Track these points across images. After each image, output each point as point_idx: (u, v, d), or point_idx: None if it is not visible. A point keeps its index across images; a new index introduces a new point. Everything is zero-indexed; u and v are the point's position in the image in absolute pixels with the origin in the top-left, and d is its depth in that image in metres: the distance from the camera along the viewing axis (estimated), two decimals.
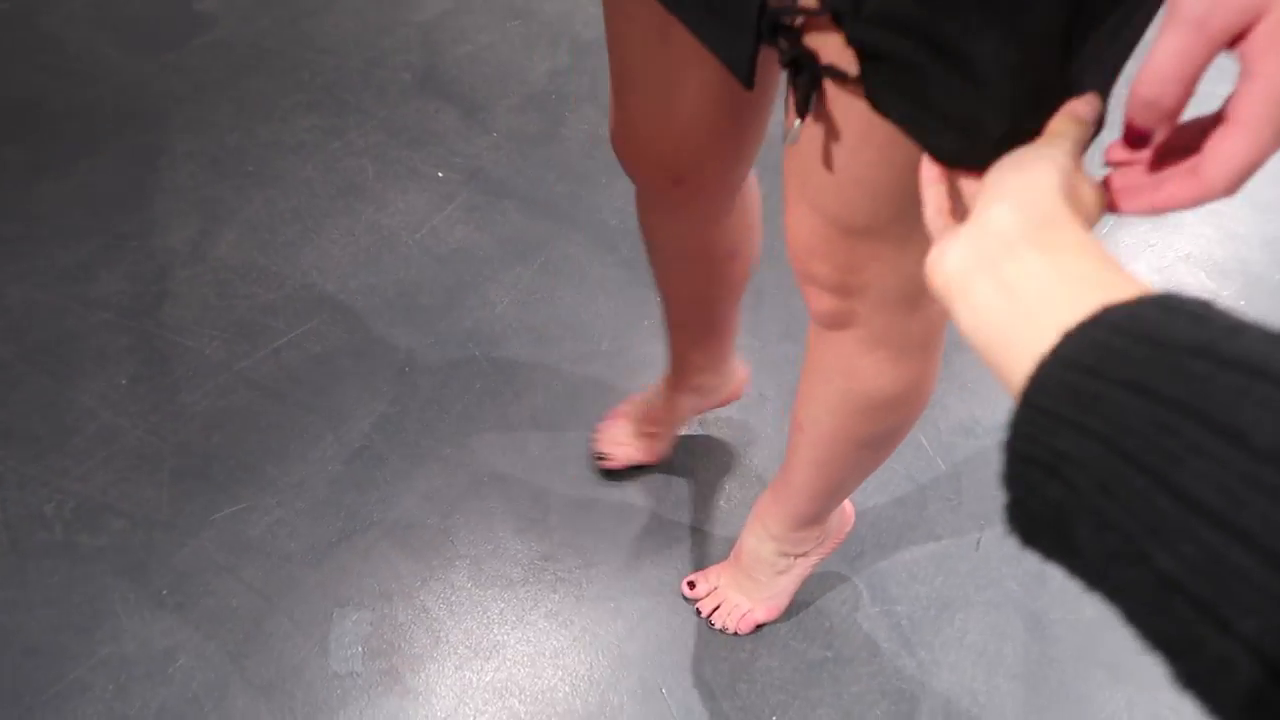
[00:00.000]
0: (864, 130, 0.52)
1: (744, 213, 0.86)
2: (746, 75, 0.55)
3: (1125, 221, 1.51)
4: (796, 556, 0.99)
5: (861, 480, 0.88)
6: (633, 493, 1.15)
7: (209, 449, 1.16)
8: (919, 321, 0.66)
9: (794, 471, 0.85)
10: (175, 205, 1.43)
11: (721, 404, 1.14)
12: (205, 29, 1.73)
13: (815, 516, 0.93)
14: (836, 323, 0.67)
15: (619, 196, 1.48)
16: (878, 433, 0.76)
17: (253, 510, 1.11)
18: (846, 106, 0.52)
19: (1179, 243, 1.49)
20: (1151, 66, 0.36)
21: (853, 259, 0.61)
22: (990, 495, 1.17)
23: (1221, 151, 0.36)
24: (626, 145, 0.78)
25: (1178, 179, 0.39)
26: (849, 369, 0.70)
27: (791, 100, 0.54)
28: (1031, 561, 1.12)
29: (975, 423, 1.24)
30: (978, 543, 1.13)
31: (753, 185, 0.85)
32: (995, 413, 1.25)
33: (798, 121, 0.54)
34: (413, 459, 1.16)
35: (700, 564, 1.10)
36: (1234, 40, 0.35)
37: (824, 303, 0.66)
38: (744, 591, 1.03)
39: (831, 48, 0.50)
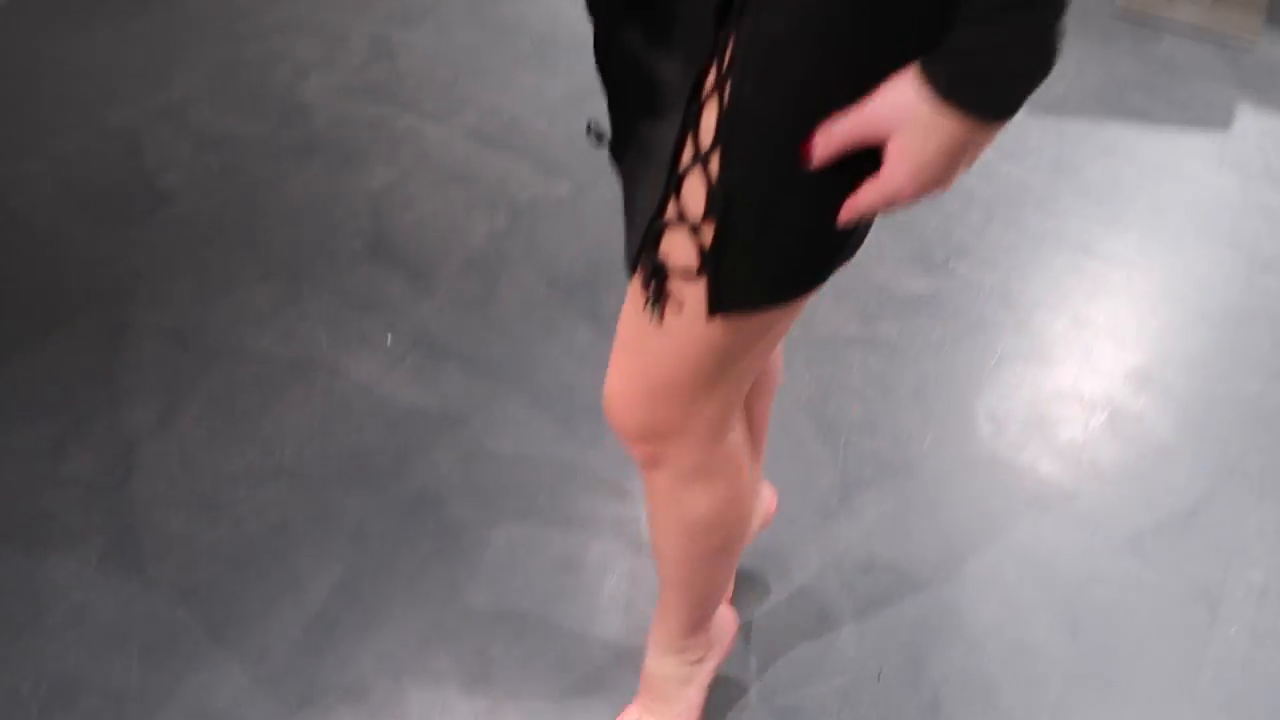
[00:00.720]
0: (696, 315, 0.70)
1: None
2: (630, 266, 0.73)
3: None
4: (693, 664, 1.11)
5: (724, 583, 1.03)
6: (571, 644, 1.27)
7: (175, 621, 1.25)
8: (722, 450, 0.82)
9: (664, 590, 1.01)
10: (140, 380, 1.54)
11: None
12: (168, 204, 1.86)
13: (697, 623, 1.06)
14: (653, 463, 0.83)
15: (553, 354, 1.62)
16: (713, 547, 0.92)
17: (218, 681, 1.20)
18: (688, 299, 0.69)
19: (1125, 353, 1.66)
20: (833, 133, 0.60)
21: (665, 411, 0.77)
22: (890, 629, 1.30)
23: (866, 190, 0.62)
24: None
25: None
26: (673, 500, 0.86)
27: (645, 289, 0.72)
28: (928, 690, 1.24)
29: (873, 560, 1.38)
30: (879, 675, 1.26)
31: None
32: (893, 552, 1.39)
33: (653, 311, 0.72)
34: (366, 621, 1.27)
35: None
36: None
37: (639, 448, 0.82)
38: (659, 714, 1.14)
39: (680, 251, 0.67)
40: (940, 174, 0.61)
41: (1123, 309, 1.77)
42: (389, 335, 1.64)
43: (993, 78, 0.56)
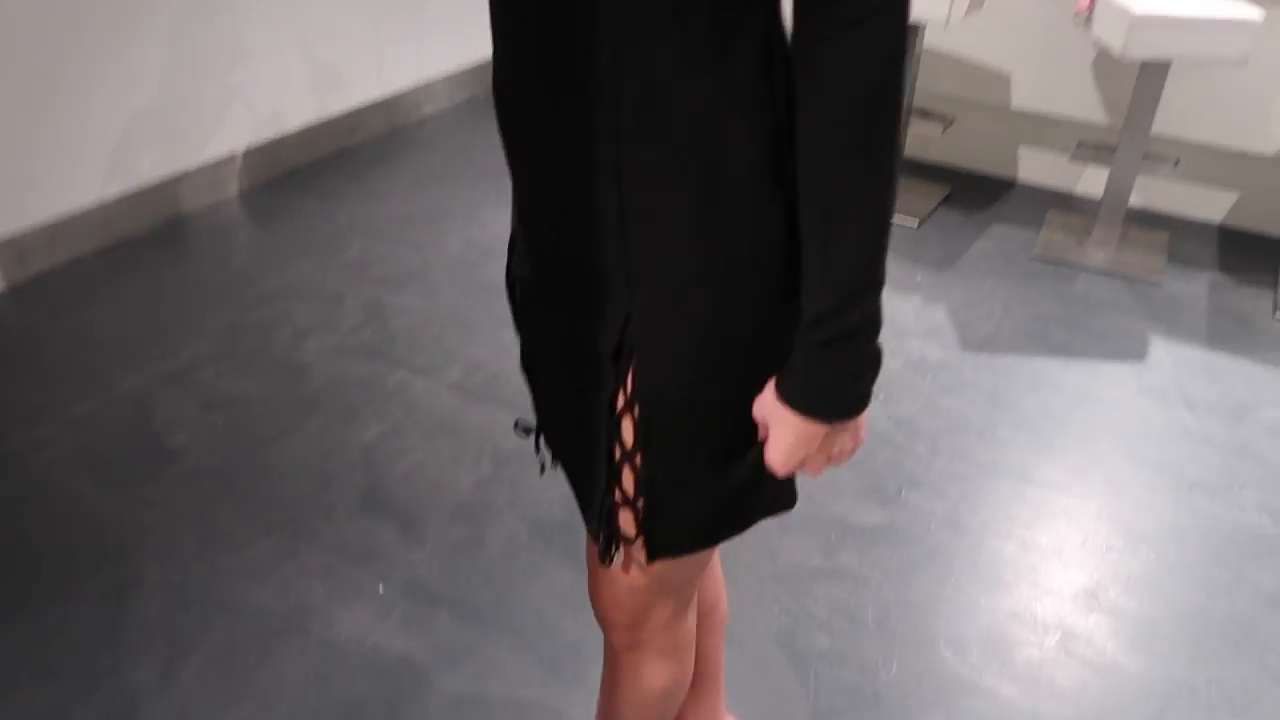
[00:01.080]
0: (640, 561, 0.91)
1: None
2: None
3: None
4: None
5: None
6: None
7: None
8: (681, 635, 1.01)
9: None
10: (145, 637, 1.62)
11: None
12: (175, 462, 2.00)
13: None
14: (627, 646, 1.01)
15: (537, 597, 1.72)
16: (665, 714, 1.08)
17: None
18: (634, 550, 0.90)
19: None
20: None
21: (638, 610, 0.96)
22: None
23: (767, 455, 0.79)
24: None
25: None
26: (638, 675, 1.02)
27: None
28: None
29: None
30: None
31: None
32: None
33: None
34: None
35: None
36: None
37: (621, 637, 1.00)
38: None
39: (624, 519, 0.87)
40: (807, 455, 0.78)
41: (1065, 532, 1.91)
42: (381, 585, 1.74)
43: (821, 392, 0.74)
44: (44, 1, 2.47)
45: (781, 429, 0.76)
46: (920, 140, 3.43)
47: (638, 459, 0.83)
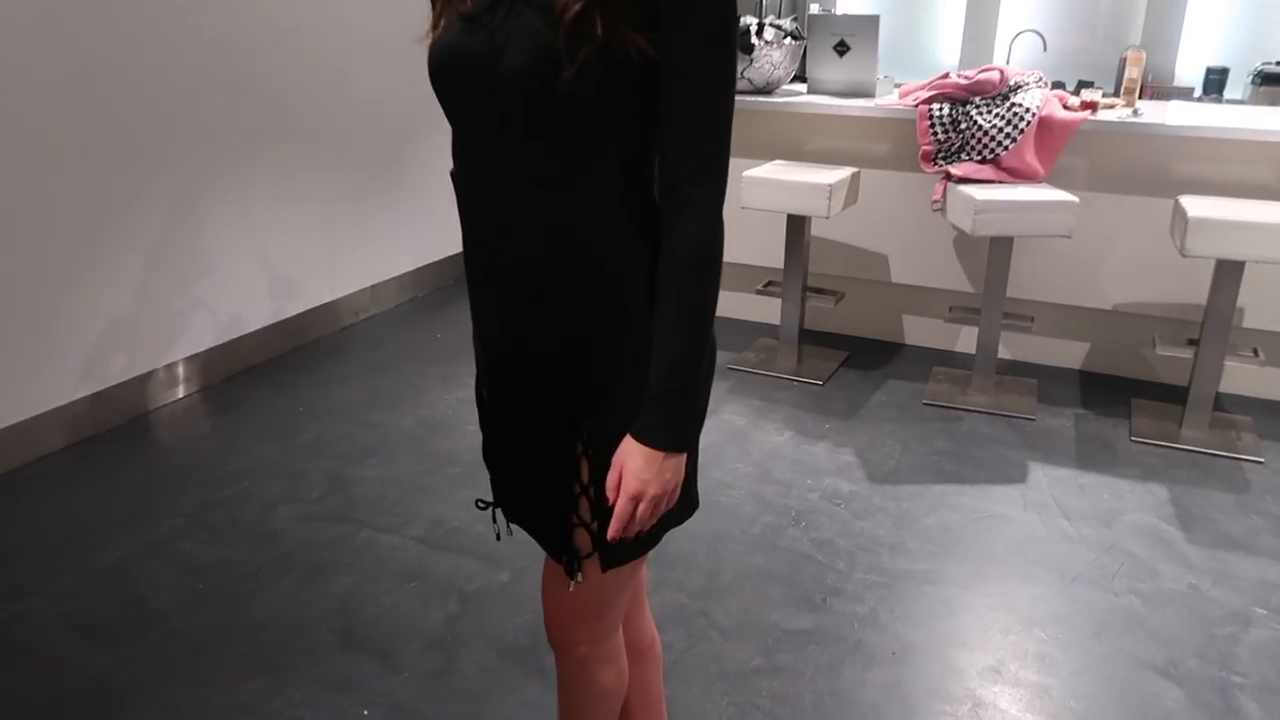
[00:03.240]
0: (595, 572, 1.18)
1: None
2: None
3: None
4: None
5: None
6: None
7: None
8: (617, 642, 1.30)
9: None
10: None
11: None
12: (159, 622, 2.14)
13: None
14: (581, 659, 1.26)
15: (509, 711, 1.89)
16: (611, 710, 1.33)
17: None
18: (589, 566, 1.18)
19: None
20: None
21: (587, 621, 1.23)
22: None
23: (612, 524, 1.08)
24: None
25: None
26: (586, 679, 1.28)
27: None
28: None
29: None
30: None
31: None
32: None
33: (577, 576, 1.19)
34: None
35: None
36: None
37: (573, 651, 1.26)
38: None
39: (582, 541, 1.17)
40: (647, 483, 1.05)
41: (968, 622, 2.17)
42: (365, 711, 1.89)
43: (657, 429, 1.06)
44: (34, 215, 2.79)
45: (632, 457, 1.06)
46: (817, 313, 3.90)
47: (591, 490, 1.15)
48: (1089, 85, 4.55)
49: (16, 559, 2.38)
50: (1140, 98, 3.56)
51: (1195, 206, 2.86)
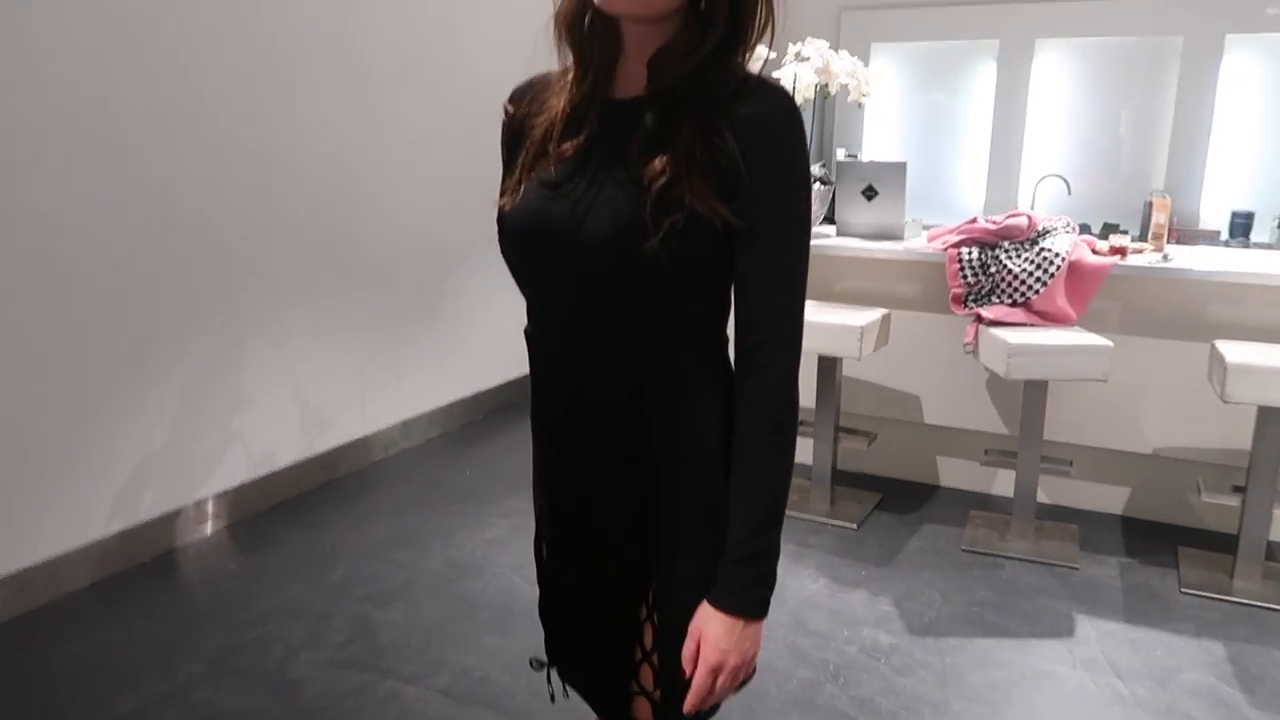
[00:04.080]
0: None
1: None
2: None
3: None
4: None
5: None
6: None
7: None
8: None
9: None
10: None
11: None
12: None
13: None
14: None
15: None
16: None
17: None
18: None
19: None
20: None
21: None
22: None
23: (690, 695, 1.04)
24: None
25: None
26: None
27: None
28: None
29: None
30: None
31: None
32: None
33: None
34: None
35: None
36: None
37: None
38: None
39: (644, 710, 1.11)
40: (727, 651, 1.03)
41: None
42: None
43: (736, 595, 1.03)
44: (73, 349, 2.85)
45: (711, 625, 1.03)
46: (850, 454, 3.85)
47: (655, 657, 1.09)
48: (1115, 228, 4.61)
49: (39, 702, 2.33)
50: (1167, 241, 3.59)
51: (1233, 352, 2.84)
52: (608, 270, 1.03)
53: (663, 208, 0.99)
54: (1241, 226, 4.61)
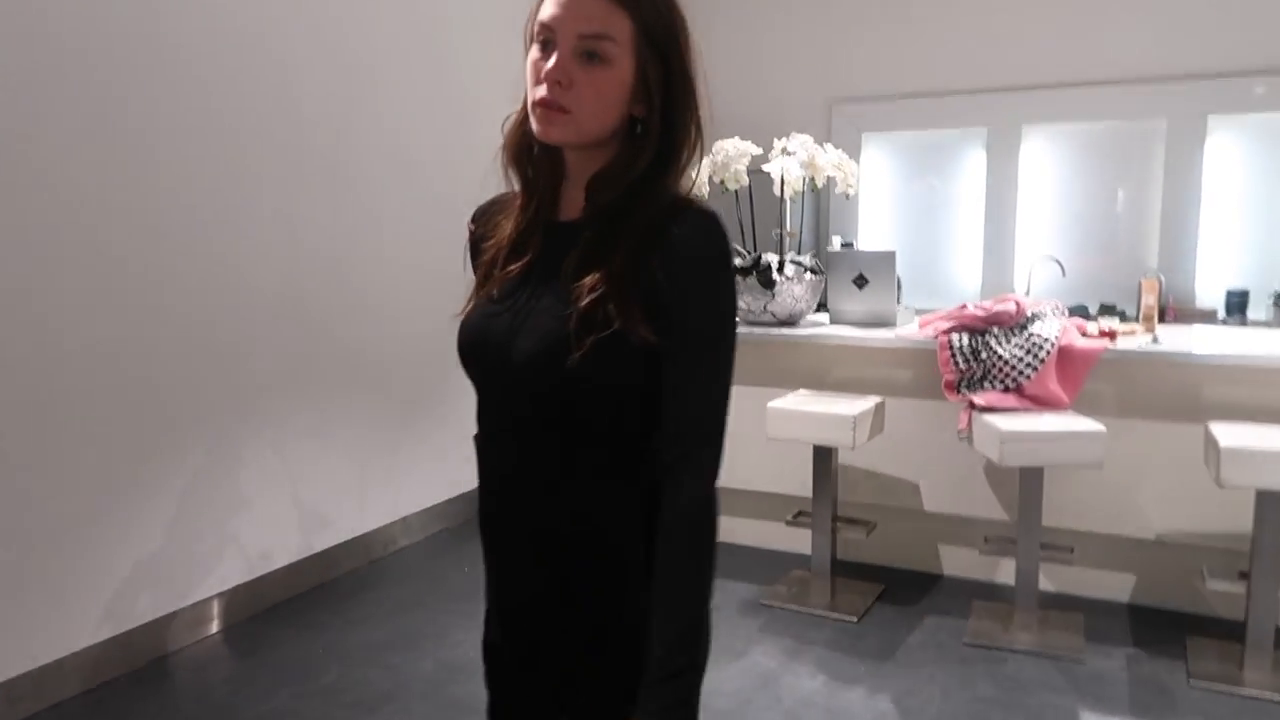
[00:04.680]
0: None
1: None
2: None
3: None
4: None
5: None
6: None
7: None
8: None
9: None
10: None
11: None
12: None
13: None
14: None
15: None
16: None
17: None
18: None
19: None
20: None
21: None
22: None
23: None
24: None
25: None
26: None
27: None
28: None
29: None
30: None
31: None
32: None
33: None
34: None
35: None
36: None
37: None
38: None
39: None
40: None
41: None
42: None
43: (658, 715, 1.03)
44: (66, 454, 2.88)
45: None
46: (850, 544, 3.80)
47: None
48: (1112, 309, 4.62)
49: None
50: (1163, 320, 3.61)
51: (1227, 435, 2.82)
52: (532, 383, 1.07)
53: (587, 325, 1.02)
54: (1237, 304, 4.60)
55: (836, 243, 4.87)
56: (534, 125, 1.08)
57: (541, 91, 1.05)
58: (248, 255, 3.39)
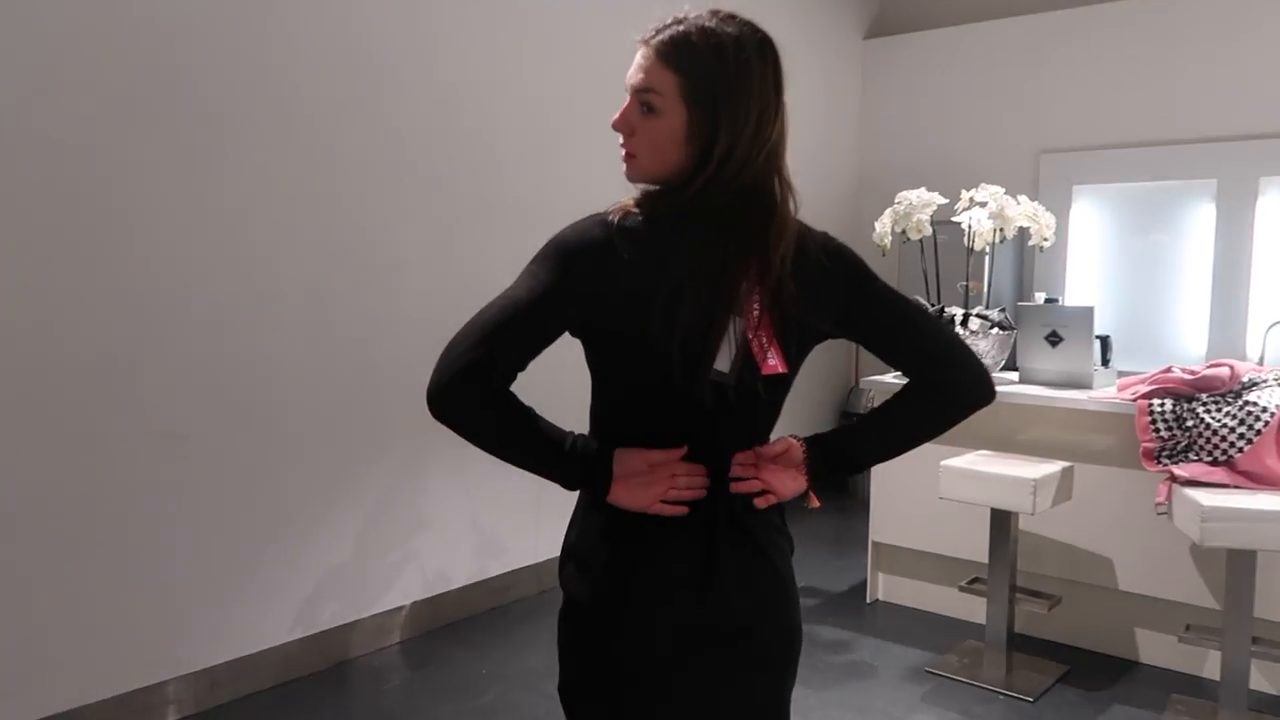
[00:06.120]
0: None
1: None
2: None
3: None
4: None
5: None
6: None
7: None
8: None
9: None
10: None
11: None
12: None
13: None
14: None
15: None
16: None
17: None
18: None
19: None
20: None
21: None
22: None
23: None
24: None
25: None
26: None
27: None
28: None
29: None
30: None
31: None
32: None
33: None
34: None
35: None
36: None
37: None
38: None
39: None
40: (780, 478, 1.32)
41: None
42: None
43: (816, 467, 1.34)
44: (278, 471, 3.18)
45: (794, 451, 1.34)
46: (1031, 617, 3.55)
47: None
48: None
49: None
50: None
51: None
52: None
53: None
54: None
55: (1040, 299, 4.62)
56: None
57: (620, 139, 1.28)
58: (440, 288, 3.65)
